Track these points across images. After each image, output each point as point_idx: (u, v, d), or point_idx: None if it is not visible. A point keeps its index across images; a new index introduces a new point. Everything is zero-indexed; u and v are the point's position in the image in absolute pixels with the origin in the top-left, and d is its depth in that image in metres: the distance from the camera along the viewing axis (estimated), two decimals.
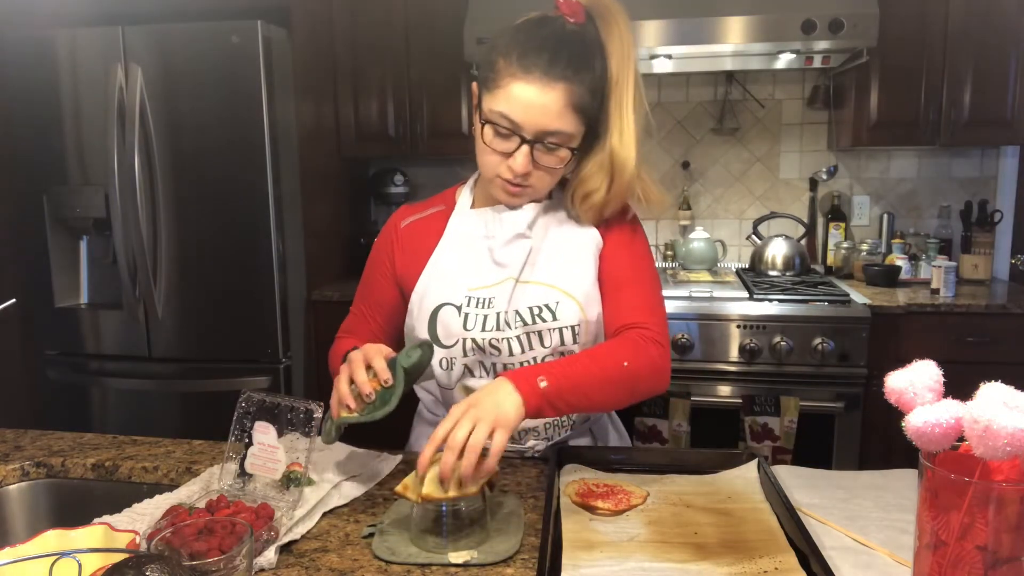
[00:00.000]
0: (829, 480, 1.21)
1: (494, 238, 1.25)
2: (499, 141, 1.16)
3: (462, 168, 3.40)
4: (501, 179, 1.19)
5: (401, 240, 1.35)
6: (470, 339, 1.23)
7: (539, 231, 1.26)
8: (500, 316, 1.22)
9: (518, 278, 1.23)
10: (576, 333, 1.23)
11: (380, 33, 2.99)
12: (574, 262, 1.25)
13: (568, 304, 1.22)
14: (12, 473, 1.29)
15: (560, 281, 1.23)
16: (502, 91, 1.13)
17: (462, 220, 1.30)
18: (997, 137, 2.82)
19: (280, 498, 1.09)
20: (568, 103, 1.12)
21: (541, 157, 1.16)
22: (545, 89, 1.11)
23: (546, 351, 1.23)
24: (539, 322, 1.22)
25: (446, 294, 1.25)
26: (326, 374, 3.16)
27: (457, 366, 1.26)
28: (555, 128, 1.13)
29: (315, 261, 2.92)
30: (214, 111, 2.62)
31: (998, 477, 0.75)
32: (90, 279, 2.93)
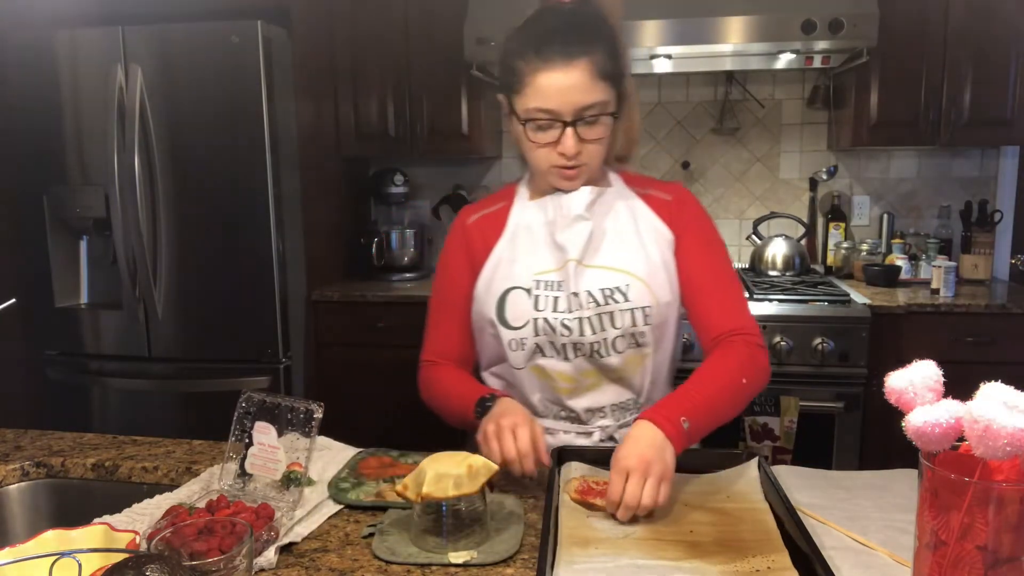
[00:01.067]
0: (829, 480, 1.21)
1: (554, 223, 1.29)
2: (543, 134, 1.20)
3: (462, 168, 3.41)
4: (555, 167, 1.23)
5: (470, 235, 1.38)
6: (541, 319, 1.26)
7: (598, 214, 1.29)
8: (571, 298, 1.25)
9: (580, 260, 1.26)
10: (647, 315, 1.25)
11: (380, 33, 2.99)
12: (638, 246, 1.28)
13: (638, 286, 1.25)
14: (12, 473, 1.29)
15: (628, 264, 1.27)
16: (530, 87, 1.18)
17: (522, 212, 1.34)
18: (997, 137, 2.81)
19: (280, 498, 1.09)
20: (593, 74, 1.16)
21: (586, 132, 1.20)
22: (568, 70, 1.15)
23: (617, 332, 1.25)
24: (611, 303, 1.25)
25: (513, 278, 1.29)
26: (326, 374, 3.16)
27: (528, 346, 1.28)
28: (589, 101, 1.17)
29: (315, 261, 2.92)
30: (214, 111, 2.62)
31: (998, 477, 0.75)
32: (90, 279, 2.92)
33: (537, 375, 1.31)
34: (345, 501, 1.13)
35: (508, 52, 1.22)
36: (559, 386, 1.30)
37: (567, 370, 1.29)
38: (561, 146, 1.20)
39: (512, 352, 1.30)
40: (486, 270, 1.33)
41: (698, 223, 1.32)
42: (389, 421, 2.88)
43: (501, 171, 3.41)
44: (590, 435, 1.32)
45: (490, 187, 3.40)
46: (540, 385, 1.32)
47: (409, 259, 3.20)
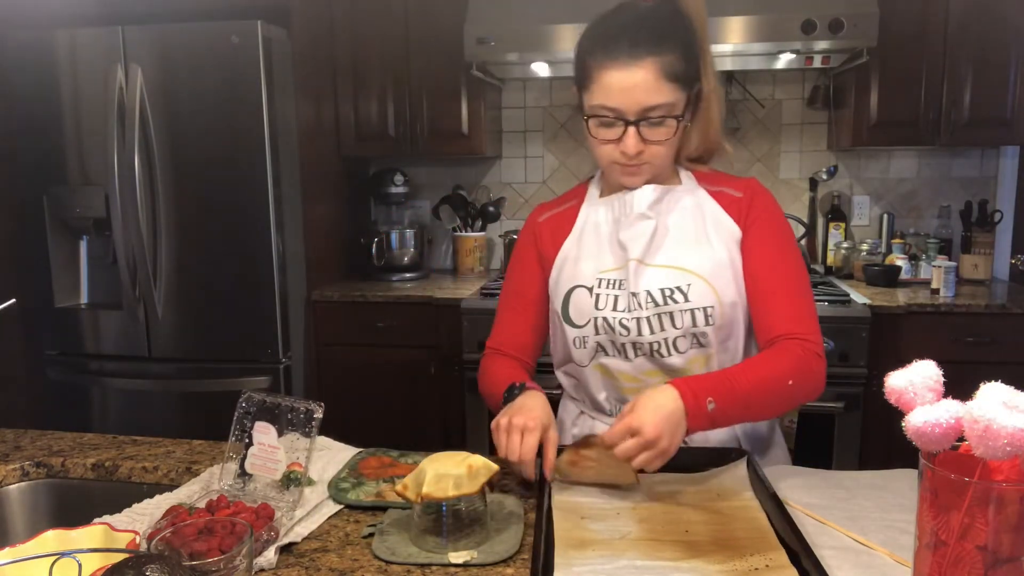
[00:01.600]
0: (829, 480, 1.21)
1: (619, 222, 1.29)
2: (606, 131, 1.21)
3: (462, 168, 3.41)
4: (617, 164, 1.24)
5: (542, 233, 1.39)
6: (601, 318, 1.26)
7: (663, 213, 1.28)
8: (631, 297, 1.25)
9: (642, 259, 1.25)
10: (709, 315, 1.23)
11: (380, 33, 2.99)
12: (703, 244, 1.26)
13: (700, 286, 1.24)
14: (12, 473, 1.29)
15: (690, 263, 1.25)
16: (596, 84, 1.18)
17: (592, 209, 1.34)
18: (997, 137, 2.81)
19: (280, 498, 1.09)
20: (659, 75, 1.16)
21: (649, 133, 1.19)
22: (633, 69, 1.15)
23: (678, 332, 1.24)
24: (671, 303, 1.23)
25: (577, 276, 1.30)
26: (326, 374, 3.16)
27: (590, 344, 1.29)
28: (654, 103, 1.17)
29: (315, 261, 2.92)
30: (214, 111, 2.62)
31: (998, 477, 0.75)
32: (90, 279, 2.93)
33: (601, 373, 1.31)
34: (345, 501, 1.13)
35: (580, 47, 1.22)
36: (623, 385, 1.30)
37: (629, 369, 1.28)
38: (622, 145, 1.20)
39: (576, 350, 1.31)
40: (555, 268, 1.34)
41: (768, 220, 1.28)
42: (389, 421, 2.88)
43: (501, 171, 3.41)
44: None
45: (490, 187, 3.41)
46: (605, 384, 1.32)
47: (409, 259, 3.20)
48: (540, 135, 3.35)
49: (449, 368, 2.81)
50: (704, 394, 1.10)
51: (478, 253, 3.29)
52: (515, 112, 3.35)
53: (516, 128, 3.36)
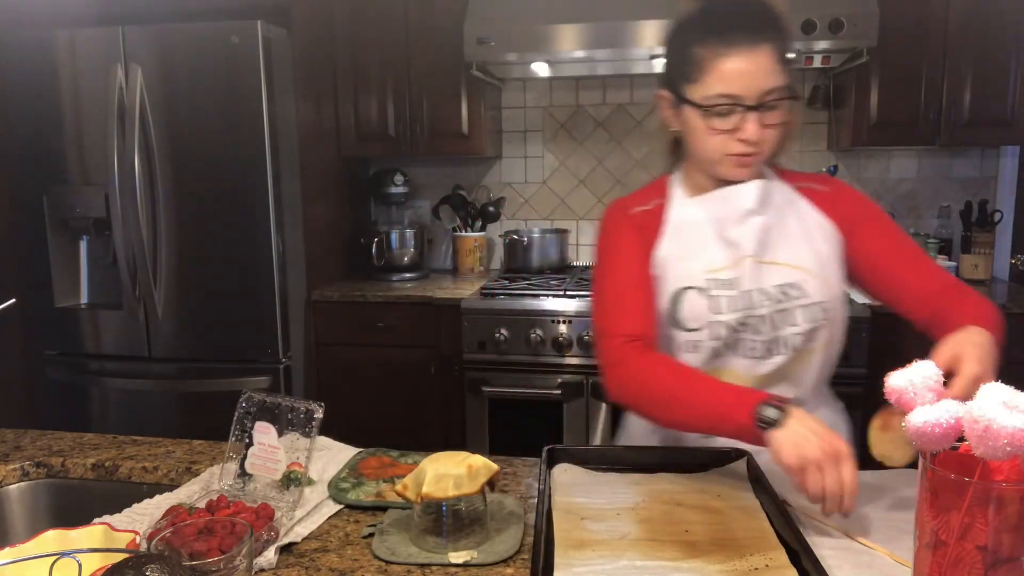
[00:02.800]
0: None
1: (722, 219, 1.26)
2: (723, 120, 1.18)
3: (462, 168, 3.41)
4: (730, 156, 1.21)
5: (638, 223, 1.32)
6: (719, 322, 1.23)
7: (768, 208, 1.25)
8: (746, 296, 1.23)
9: (756, 256, 1.23)
10: (824, 310, 1.23)
11: (380, 33, 2.99)
12: (807, 240, 1.25)
13: (813, 282, 1.23)
14: (12, 473, 1.29)
15: (801, 260, 1.24)
16: (713, 73, 1.16)
17: (682, 209, 1.31)
18: (997, 137, 2.81)
19: (280, 498, 1.09)
20: (776, 57, 1.16)
21: (767, 117, 1.18)
22: (753, 54, 1.14)
23: (794, 329, 1.23)
24: (788, 300, 1.22)
25: (686, 277, 1.25)
26: (326, 374, 3.16)
27: (704, 349, 1.25)
28: (772, 85, 1.16)
29: (315, 261, 2.92)
30: (214, 111, 2.62)
31: (998, 477, 0.75)
32: (90, 279, 2.92)
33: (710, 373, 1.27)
34: (345, 501, 1.13)
35: (683, 41, 1.20)
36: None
37: (740, 369, 1.25)
38: (742, 132, 1.17)
39: (686, 355, 1.26)
40: (655, 267, 1.28)
41: (863, 207, 1.30)
42: (389, 421, 2.88)
43: (501, 171, 3.41)
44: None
45: (490, 187, 3.41)
46: None
47: (409, 259, 3.20)
48: (540, 135, 3.35)
49: (449, 368, 2.81)
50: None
51: (478, 253, 3.29)
52: (515, 112, 3.35)
53: (516, 128, 3.36)
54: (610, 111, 3.26)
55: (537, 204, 3.40)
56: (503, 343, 2.68)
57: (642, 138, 3.26)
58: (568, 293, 2.72)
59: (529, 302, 2.70)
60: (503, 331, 2.68)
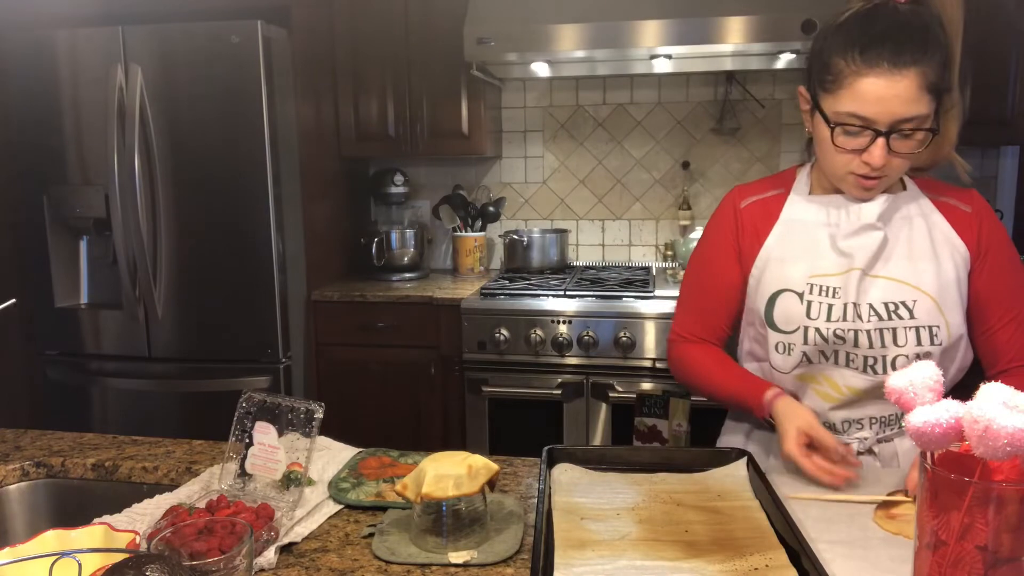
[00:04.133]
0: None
1: (838, 227, 1.22)
2: (850, 139, 1.14)
3: (462, 168, 3.41)
4: (854, 175, 1.17)
5: (742, 220, 1.31)
6: (813, 328, 1.20)
7: (890, 223, 1.21)
8: (848, 307, 1.19)
9: (866, 270, 1.19)
10: (934, 335, 1.18)
11: (380, 33, 2.99)
12: (930, 259, 1.20)
13: (926, 303, 1.18)
14: (12, 473, 1.29)
15: (916, 279, 1.19)
16: (848, 90, 1.11)
17: (800, 206, 1.27)
18: (997, 137, 2.81)
19: (280, 498, 1.09)
20: (920, 86, 1.09)
21: (897, 145, 1.13)
22: (895, 79, 1.08)
23: (899, 350, 1.18)
24: (895, 319, 1.18)
25: (785, 280, 1.24)
26: (326, 374, 3.15)
27: (795, 353, 1.23)
28: (910, 114, 1.10)
29: (315, 261, 2.92)
30: (214, 111, 2.62)
31: (998, 477, 0.75)
32: (90, 279, 2.92)
33: (801, 381, 1.26)
34: (345, 501, 1.13)
35: (828, 47, 1.14)
36: (823, 393, 1.25)
37: (836, 378, 1.23)
38: (868, 155, 1.12)
39: (778, 355, 1.25)
40: (757, 265, 1.27)
41: (1000, 240, 1.24)
42: (389, 421, 2.88)
43: (501, 171, 3.41)
44: (847, 445, 1.23)
45: (490, 187, 3.41)
46: (801, 390, 1.27)
47: (409, 259, 3.20)
48: (540, 135, 3.35)
49: (449, 368, 2.81)
50: None
51: (478, 253, 3.29)
52: (515, 112, 3.35)
53: (516, 128, 3.36)
54: (610, 111, 3.26)
55: (537, 204, 3.40)
56: (503, 343, 2.68)
57: (642, 138, 3.26)
58: (568, 293, 2.72)
59: (529, 302, 2.70)
60: (503, 331, 2.68)
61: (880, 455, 1.26)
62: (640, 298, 2.66)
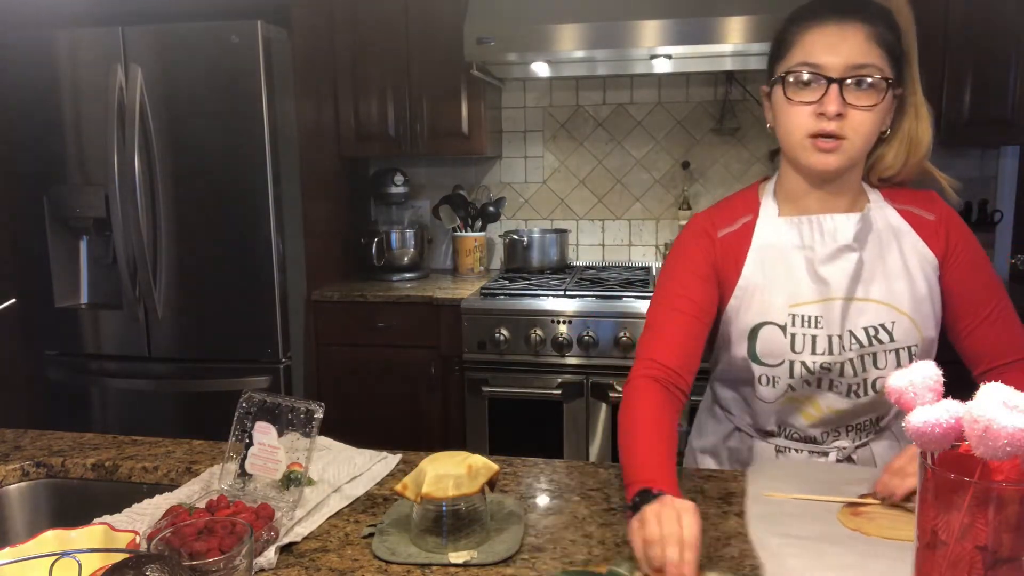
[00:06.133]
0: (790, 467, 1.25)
1: (813, 250, 1.18)
2: (804, 91, 1.12)
3: (462, 168, 3.41)
4: (811, 137, 1.12)
5: (721, 251, 1.24)
6: (799, 362, 1.18)
7: (863, 243, 1.18)
8: (833, 339, 1.17)
9: (847, 296, 1.17)
10: (913, 354, 1.17)
11: (380, 33, 2.99)
12: (904, 276, 1.18)
13: (905, 323, 1.17)
14: (12, 473, 1.29)
15: (894, 299, 1.17)
16: (797, 44, 1.13)
17: (771, 229, 1.22)
18: (997, 137, 2.81)
19: (280, 498, 1.09)
20: (868, 36, 1.10)
21: (853, 96, 1.10)
22: (841, 24, 1.10)
23: (879, 372, 1.18)
24: (876, 344, 1.17)
25: (765, 312, 1.20)
26: (326, 374, 3.15)
27: (780, 384, 1.21)
28: (861, 61, 1.09)
29: (315, 261, 2.92)
30: (214, 111, 2.62)
31: (998, 477, 0.75)
32: (90, 279, 2.92)
33: (783, 406, 1.24)
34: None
35: (781, 27, 1.17)
36: (805, 413, 1.24)
37: (818, 402, 1.22)
38: (822, 106, 1.09)
39: (763, 387, 1.23)
40: (736, 296, 1.22)
41: (965, 243, 1.21)
42: (389, 421, 2.88)
43: (501, 171, 3.41)
44: (826, 455, 1.26)
45: (490, 187, 3.41)
46: (783, 412, 1.25)
47: (409, 259, 3.20)
48: (540, 135, 3.35)
49: (449, 368, 2.81)
50: None
51: (478, 253, 3.29)
52: (515, 112, 3.35)
53: (516, 128, 3.36)
54: (610, 111, 3.26)
55: (537, 204, 3.40)
56: (503, 343, 2.68)
57: (642, 138, 3.26)
58: (568, 293, 2.72)
59: (529, 302, 2.70)
60: (503, 331, 2.68)
61: (858, 460, 1.27)
62: (640, 298, 2.65)
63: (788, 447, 1.28)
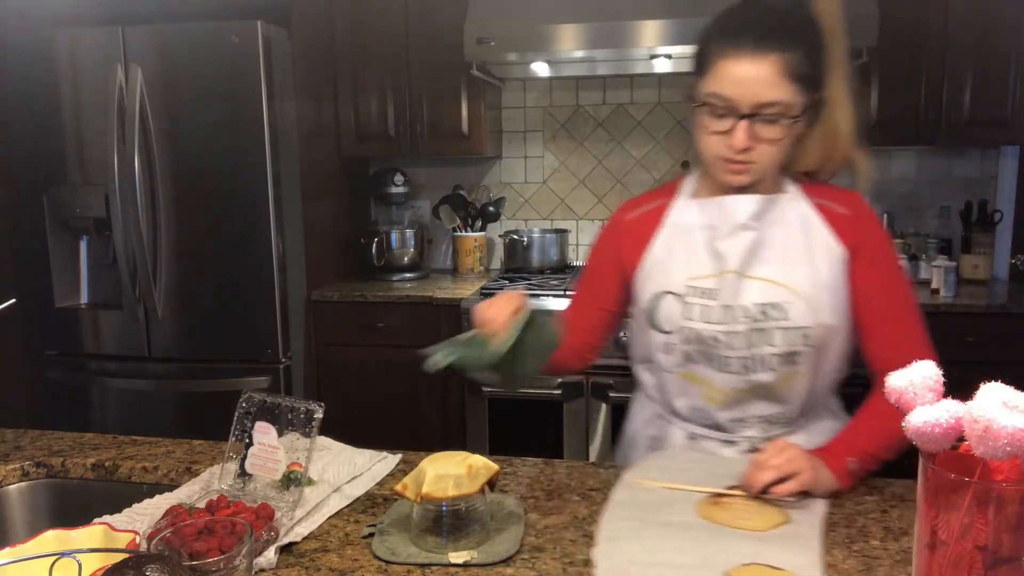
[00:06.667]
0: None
1: (715, 228, 1.24)
2: (717, 121, 1.16)
3: (462, 168, 3.41)
4: (723, 159, 1.18)
5: (626, 232, 1.33)
6: (690, 328, 1.23)
7: (766, 224, 1.22)
8: (723, 309, 1.21)
9: (740, 271, 1.21)
10: (807, 336, 1.20)
11: (380, 33, 2.99)
12: (804, 261, 1.21)
13: (799, 306, 1.19)
14: (12, 473, 1.29)
15: (788, 279, 1.20)
16: (712, 72, 1.14)
17: (682, 210, 1.29)
18: (997, 137, 2.81)
19: (280, 498, 1.09)
20: (782, 72, 1.11)
21: (760, 130, 1.14)
22: (756, 61, 1.11)
23: (772, 350, 1.20)
24: (767, 320, 1.20)
25: (667, 282, 1.26)
26: (326, 374, 3.15)
27: (676, 353, 1.26)
28: (770, 99, 1.12)
29: (315, 261, 2.92)
30: (214, 111, 2.62)
31: (998, 477, 0.75)
32: (90, 279, 2.92)
33: (687, 382, 1.28)
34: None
35: (704, 37, 1.18)
36: (706, 394, 1.27)
37: (716, 381, 1.25)
38: (731, 138, 1.14)
39: (662, 355, 1.28)
40: (642, 268, 1.29)
41: (876, 242, 1.23)
42: (389, 421, 2.88)
43: (501, 171, 3.41)
44: (735, 444, 1.29)
45: (490, 187, 3.41)
46: (687, 391, 1.29)
47: (409, 259, 3.20)
48: (540, 135, 3.35)
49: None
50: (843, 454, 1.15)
51: (478, 253, 3.29)
52: (515, 112, 3.35)
53: (516, 128, 3.36)
54: (610, 111, 3.26)
55: (537, 204, 3.40)
56: None
57: (642, 138, 3.26)
58: (568, 293, 2.72)
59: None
60: None
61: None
62: None
63: (699, 434, 1.31)
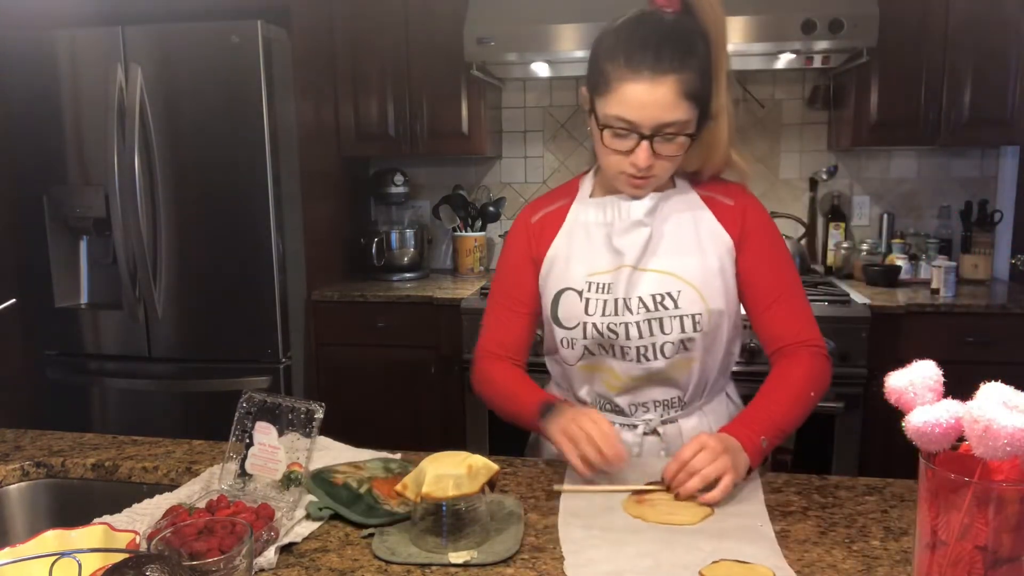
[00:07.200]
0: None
1: (613, 225, 1.29)
2: (619, 141, 1.20)
3: (462, 168, 3.41)
4: (625, 175, 1.23)
5: (532, 232, 1.38)
6: (590, 323, 1.27)
7: (659, 219, 1.28)
8: (619, 302, 1.26)
9: (636, 265, 1.26)
10: (697, 322, 1.26)
11: (380, 33, 2.99)
12: (696, 252, 1.27)
13: (690, 293, 1.25)
14: (12, 473, 1.29)
15: (680, 270, 1.26)
16: (614, 94, 1.17)
17: (582, 209, 1.34)
18: (997, 137, 2.81)
19: (280, 498, 1.09)
20: (680, 93, 1.15)
21: (661, 148, 1.19)
22: (655, 85, 1.14)
23: (666, 337, 1.26)
24: (661, 309, 1.25)
25: (567, 279, 1.31)
26: (326, 374, 3.15)
27: (578, 346, 1.30)
28: (670, 119, 1.16)
29: (315, 261, 2.92)
30: (214, 111, 2.62)
31: (998, 477, 0.75)
32: (90, 279, 2.92)
33: (587, 371, 1.34)
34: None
35: (600, 52, 1.20)
36: (606, 381, 1.33)
37: (616, 368, 1.30)
38: (634, 157, 1.19)
39: (564, 349, 1.33)
40: (544, 266, 1.35)
41: (761, 230, 1.31)
42: (389, 421, 2.88)
43: (501, 171, 3.41)
44: (635, 428, 1.34)
45: (490, 187, 3.41)
46: (589, 380, 1.35)
47: (409, 259, 3.20)
48: (540, 135, 3.35)
49: (449, 368, 2.81)
50: (756, 434, 1.17)
51: (478, 253, 3.29)
52: (515, 112, 3.35)
53: (516, 128, 3.36)
54: None
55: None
56: None
57: None
58: None
59: None
60: None
61: (665, 435, 1.34)
62: None
63: None
